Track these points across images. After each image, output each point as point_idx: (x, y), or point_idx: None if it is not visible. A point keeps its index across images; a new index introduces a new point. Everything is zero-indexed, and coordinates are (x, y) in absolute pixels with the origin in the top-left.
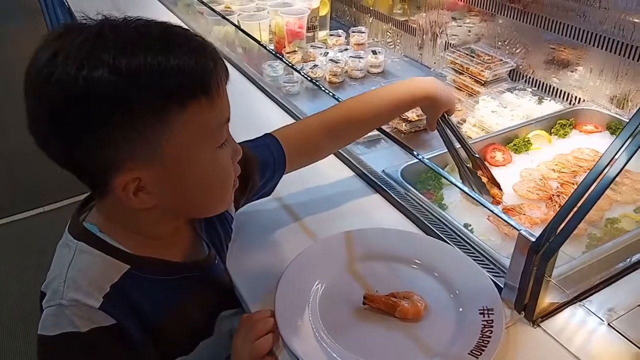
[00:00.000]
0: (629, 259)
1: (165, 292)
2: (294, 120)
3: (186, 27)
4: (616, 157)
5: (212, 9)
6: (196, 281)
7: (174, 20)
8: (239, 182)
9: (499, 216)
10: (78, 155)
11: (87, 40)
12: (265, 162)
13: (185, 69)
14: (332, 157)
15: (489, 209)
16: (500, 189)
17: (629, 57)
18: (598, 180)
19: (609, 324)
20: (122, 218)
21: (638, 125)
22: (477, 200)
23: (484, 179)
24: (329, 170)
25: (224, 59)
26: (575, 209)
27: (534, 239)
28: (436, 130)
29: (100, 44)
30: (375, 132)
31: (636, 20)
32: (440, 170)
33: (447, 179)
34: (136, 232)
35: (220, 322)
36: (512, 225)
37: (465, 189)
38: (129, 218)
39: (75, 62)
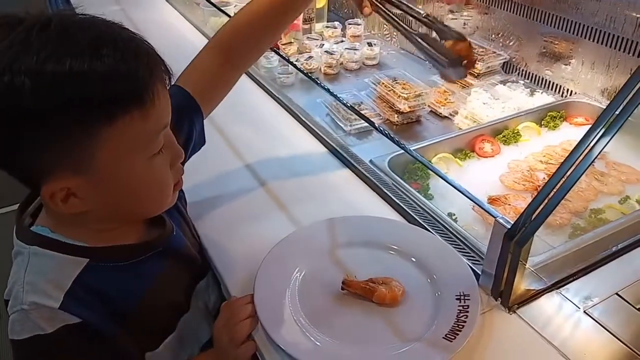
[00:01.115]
0: (609, 249)
1: (132, 276)
2: (287, 113)
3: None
4: (592, 143)
5: (209, 1)
6: (160, 258)
7: (169, 11)
8: None
9: (477, 204)
10: (5, 160)
11: (12, 44)
12: (177, 113)
13: (113, 79)
14: (319, 146)
15: (471, 199)
16: (463, 39)
17: (620, 50)
18: (574, 167)
19: (584, 311)
20: (69, 217)
21: (614, 111)
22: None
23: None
24: (315, 159)
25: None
26: (550, 195)
27: (509, 226)
28: (375, 14)
29: (26, 49)
30: (365, 124)
31: (628, 13)
32: (424, 160)
33: (432, 170)
34: (88, 227)
35: (195, 297)
36: (488, 212)
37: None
38: (76, 217)
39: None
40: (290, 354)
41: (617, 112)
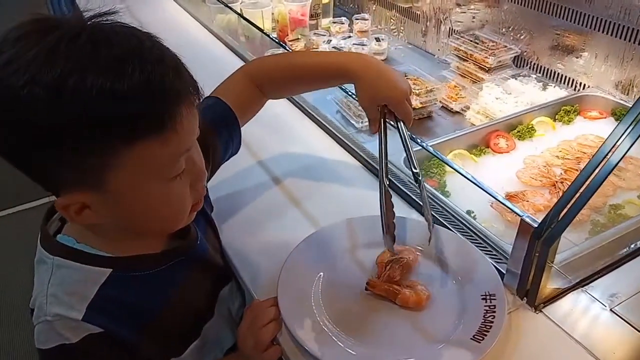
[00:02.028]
0: (632, 245)
1: (156, 285)
2: (296, 108)
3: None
4: (619, 142)
5: None
6: (183, 265)
7: (174, 8)
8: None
9: (502, 203)
10: (26, 171)
11: (38, 54)
12: (217, 122)
13: (135, 101)
14: (334, 144)
15: (492, 196)
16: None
17: (634, 42)
18: (600, 166)
19: (611, 310)
20: (95, 227)
21: None
22: (481, 187)
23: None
24: (330, 157)
25: (229, 47)
26: (577, 195)
27: (536, 225)
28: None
29: (51, 61)
30: None
31: None
32: (444, 157)
33: (451, 167)
34: (111, 237)
35: (219, 303)
36: (514, 212)
37: (468, 176)
38: (98, 227)
39: (23, 77)
40: (317, 356)
41: None
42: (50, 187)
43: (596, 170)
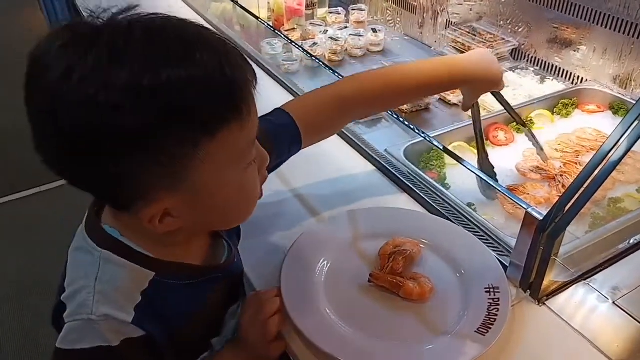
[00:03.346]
0: (632, 239)
1: (187, 297)
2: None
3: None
4: (624, 137)
5: None
6: (214, 280)
7: None
8: None
9: (507, 195)
10: (94, 182)
11: (100, 59)
12: (278, 141)
13: (213, 87)
14: (335, 136)
15: (496, 189)
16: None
17: (633, 36)
18: (606, 160)
19: (613, 302)
20: (141, 227)
21: None
22: (487, 182)
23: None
24: (332, 150)
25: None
26: (582, 188)
27: (541, 218)
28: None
29: (117, 63)
30: None
31: None
32: (448, 149)
33: (455, 159)
34: (155, 239)
35: (227, 319)
36: (519, 204)
37: (468, 165)
38: (149, 230)
39: (93, 84)
40: (320, 349)
41: None
42: (127, 201)
43: (601, 165)
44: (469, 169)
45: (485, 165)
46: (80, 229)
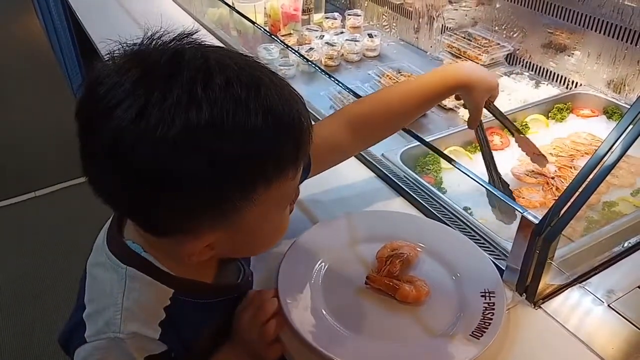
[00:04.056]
0: (626, 242)
1: (202, 315)
2: None
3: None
4: (618, 141)
5: None
6: (231, 302)
7: (165, 1)
8: None
9: (502, 199)
10: (147, 215)
11: (181, 97)
12: None
13: (286, 145)
14: None
15: (492, 192)
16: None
17: (627, 42)
18: (600, 164)
19: (608, 305)
20: (167, 247)
21: (638, 112)
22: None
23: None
24: None
25: (220, 41)
26: (577, 192)
27: (537, 222)
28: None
29: (198, 104)
30: None
31: (635, 5)
32: (444, 154)
33: (451, 163)
34: (175, 259)
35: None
36: (515, 208)
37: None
38: (174, 252)
39: (171, 129)
40: (316, 350)
41: None
42: (168, 230)
43: (596, 168)
44: (466, 174)
45: (501, 186)
46: (99, 242)
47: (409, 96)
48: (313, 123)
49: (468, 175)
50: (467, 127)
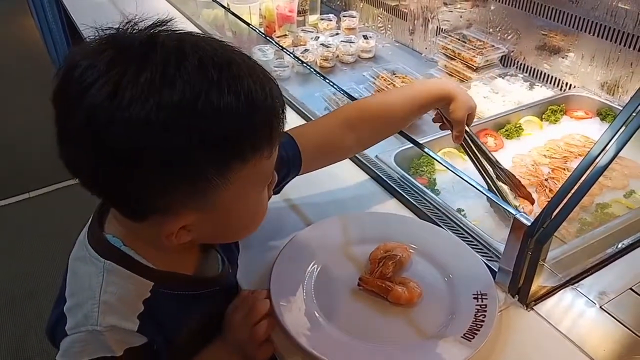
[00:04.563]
0: (619, 244)
1: (183, 307)
2: (288, 107)
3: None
4: (610, 143)
5: None
6: (215, 295)
7: (160, 3)
8: None
9: (494, 201)
10: (124, 196)
11: (154, 77)
12: (280, 162)
13: (253, 116)
14: None
15: (483, 194)
16: (530, 199)
17: (620, 44)
18: (593, 165)
19: (600, 307)
20: (148, 237)
21: (631, 113)
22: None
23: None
24: None
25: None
26: (570, 194)
27: (529, 224)
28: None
29: (171, 84)
30: None
31: (628, 7)
32: (437, 156)
33: (444, 165)
34: (157, 248)
35: None
36: (506, 210)
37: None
38: (156, 239)
39: (145, 104)
40: (308, 351)
41: (634, 114)
42: (146, 212)
43: (588, 170)
44: (459, 176)
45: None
46: (81, 237)
47: (404, 101)
48: (306, 122)
49: (460, 177)
50: (455, 142)
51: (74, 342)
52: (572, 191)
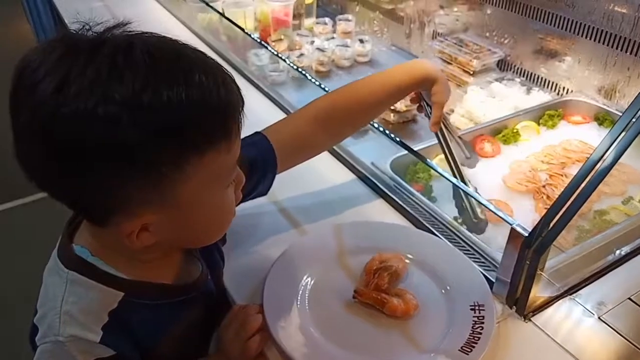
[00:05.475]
0: (617, 252)
1: (160, 316)
2: (279, 110)
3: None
4: (608, 151)
5: None
6: (190, 301)
7: (154, 7)
8: None
9: (491, 210)
10: (79, 195)
11: (100, 72)
12: (252, 162)
13: (207, 110)
14: None
15: (480, 203)
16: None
17: (617, 48)
18: (591, 174)
19: (599, 318)
20: (116, 244)
21: (630, 118)
22: (469, 194)
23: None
24: (317, 163)
25: (210, 47)
26: (568, 203)
27: (526, 234)
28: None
29: (117, 78)
30: None
31: (624, 11)
32: (432, 163)
33: (439, 173)
34: (129, 256)
35: (213, 341)
36: (504, 220)
37: (454, 180)
38: (124, 246)
39: (92, 97)
40: None
41: (634, 120)
42: (105, 213)
43: (587, 179)
44: (451, 182)
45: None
46: (54, 250)
47: (376, 89)
48: (278, 120)
49: (452, 183)
50: (431, 129)
51: (42, 352)
52: (571, 200)
